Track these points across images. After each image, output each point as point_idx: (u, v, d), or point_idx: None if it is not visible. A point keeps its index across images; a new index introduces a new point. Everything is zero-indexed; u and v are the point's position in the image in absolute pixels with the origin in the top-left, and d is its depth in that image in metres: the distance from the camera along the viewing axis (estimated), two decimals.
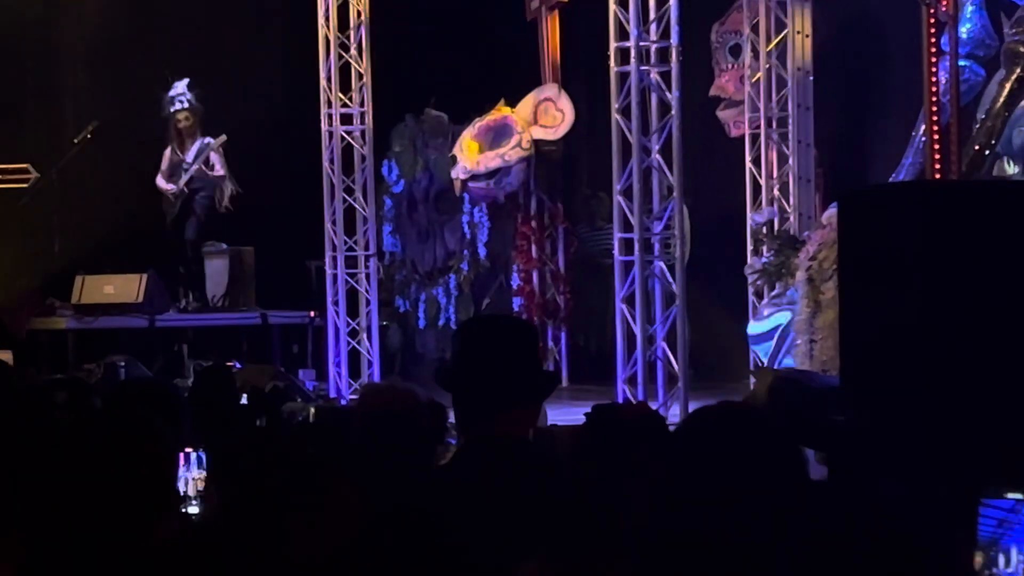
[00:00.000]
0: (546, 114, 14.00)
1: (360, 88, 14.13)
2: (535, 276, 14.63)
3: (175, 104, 15.29)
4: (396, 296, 15.29)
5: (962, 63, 11.25)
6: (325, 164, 14.22)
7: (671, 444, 3.19)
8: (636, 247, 11.60)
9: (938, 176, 10.42)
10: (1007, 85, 11.54)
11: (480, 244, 14.50)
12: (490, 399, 3.93)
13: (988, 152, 11.50)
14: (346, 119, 14.18)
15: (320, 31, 14.12)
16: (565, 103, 13.98)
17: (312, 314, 15.06)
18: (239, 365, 12.89)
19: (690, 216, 12.87)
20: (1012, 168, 11.51)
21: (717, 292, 13.27)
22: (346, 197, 14.21)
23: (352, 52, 14.08)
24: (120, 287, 14.94)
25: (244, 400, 8.70)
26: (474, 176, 13.96)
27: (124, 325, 14.75)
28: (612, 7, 11.68)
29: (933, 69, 10.44)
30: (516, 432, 3.95)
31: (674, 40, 11.58)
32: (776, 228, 12.90)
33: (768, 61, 13.10)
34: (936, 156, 10.48)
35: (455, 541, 3.57)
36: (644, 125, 11.67)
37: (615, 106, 11.71)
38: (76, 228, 15.91)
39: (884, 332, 5.84)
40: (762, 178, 13.18)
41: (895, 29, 12.45)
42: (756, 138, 13.24)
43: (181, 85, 15.33)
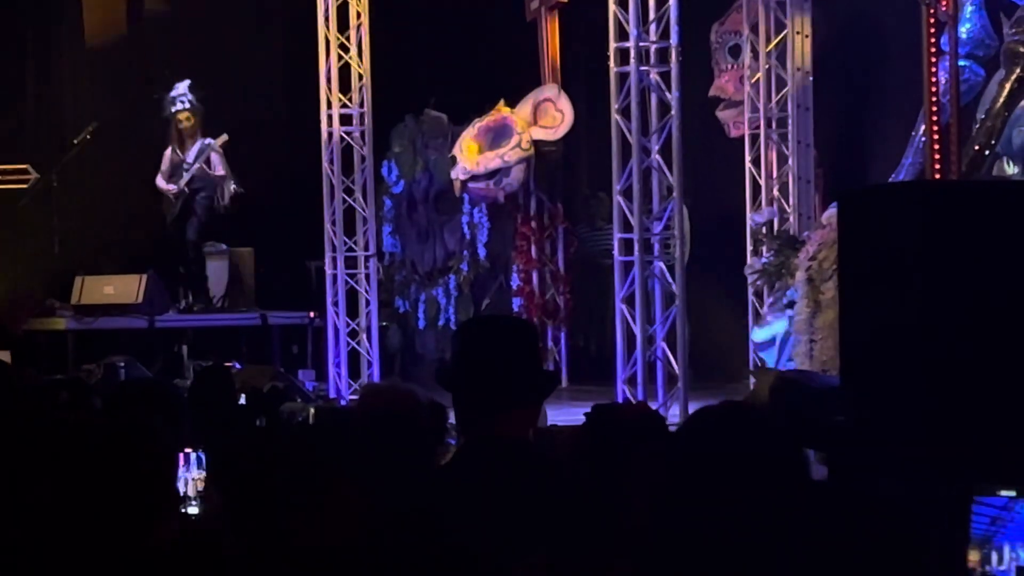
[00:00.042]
0: (546, 114, 13.99)
1: (360, 89, 14.12)
2: (535, 276, 14.62)
3: (176, 104, 15.29)
4: (396, 296, 15.28)
5: (962, 63, 11.25)
6: (325, 164, 14.21)
7: (672, 444, 3.18)
8: (636, 247, 11.59)
9: (938, 176, 10.42)
10: (1007, 85, 11.54)
11: (480, 244, 14.48)
12: (490, 399, 3.93)
13: (988, 152, 11.50)
14: (346, 119, 14.18)
15: (320, 32, 14.11)
16: (565, 103, 13.97)
17: (312, 315, 15.05)
18: (239, 366, 12.88)
19: (690, 216, 12.86)
20: (1012, 168, 11.51)
21: (717, 292, 13.27)
22: (346, 198, 14.21)
23: (352, 53, 14.07)
24: (120, 288, 14.94)
25: (243, 400, 8.71)
26: (474, 177, 13.95)
27: (124, 326, 14.75)
28: (612, 7, 11.68)
29: (933, 69, 10.44)
30: (516, 432, 3.95)
31: (674, 40, 11.57)
32: (776, 228, 12.91)
33: (768, 61, 13.11)
34: (936, 156, 10.48)
35: (455, 541, 3.57)
36: (644, 125, 11.66)
37: (615, 106, 11.71)
38: (76, 229, 15.91)
39: (884, 332, 5.84)
40: (762, 178, 13.18)
41: (895, 29, 12.45)
42: (756, 138, 13.25)
43: (182, 86, 15.33)
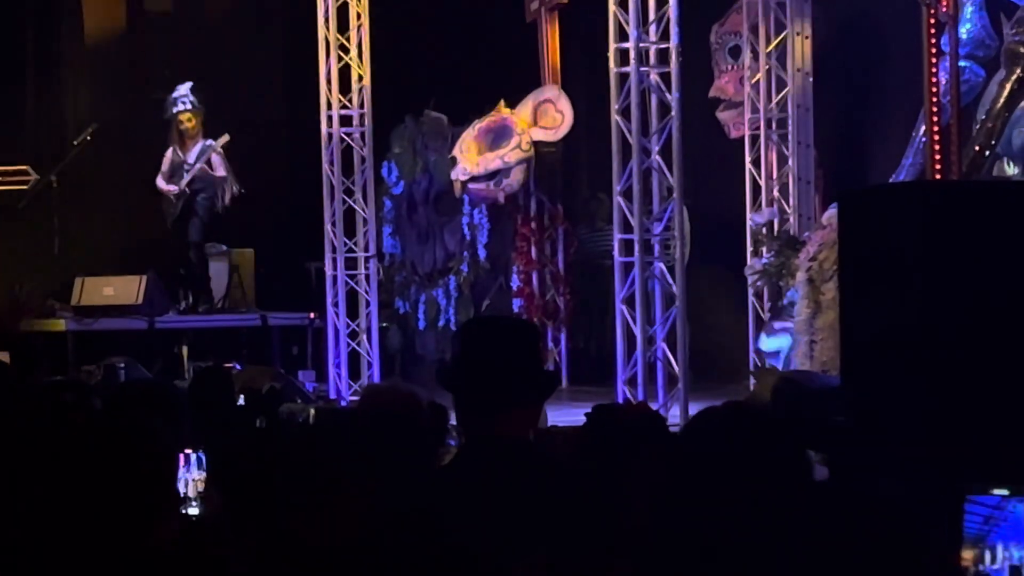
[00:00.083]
0: (546, 115, 13.98)
1: (360, 90, 14.11)
2: (535, 277, 14.61)
3: (178, 105, 15.29)
4: (396, 297, 15.28)
5: (962, 63, 11.24)
6: (325, 166, 14.20)
7: (675, 444, 3.18)
8: (636, 248, 11.58)
9: (938, 177, 10.42)
10: (1007, 86, 11.54)
11: (480, 246, 14.48)
12: (491, 399, 3.92)
13: (988, 153, 11.49)
14: (346, 121, 14.17)
15: (320, 33, 14.10)
16: (565, 104, 13.96)
17: (312, 315, 15.05)
18: (239, 367, 12.87)
19: (690, 217, 12.85)
20: (1012, 169, 11.50)
21: (717, 293, 13.26)
22: (346, 199, 14.20)
23: (352, 54, 14.06)
24: (120, 289, 14.93)
25: (241, 401, 8.70)
26: (474, 178, 13.94)
27: (124, 327, 14.74)
28: (612, 8, 11.67)
29: (933, 70, 10.44)
30: (517, 433, 3.94)
31: (674, 41, 11.57)
32: (776, 229, 12.91)
33: (768, 62, 13.11)
34: (936, 157, 10.48)
35: (456, 541, 3.57)
36: (644, 126, 11.65)
37: (615, 107, 11.70)
38: (76, 230, 15.91)
39: (884, 333, 5.84)
40: (762, 179, 13.18)
41: (895, 30, 12.45)
42: (756, 139, 13.25)
43: (184, 87, 15.33)
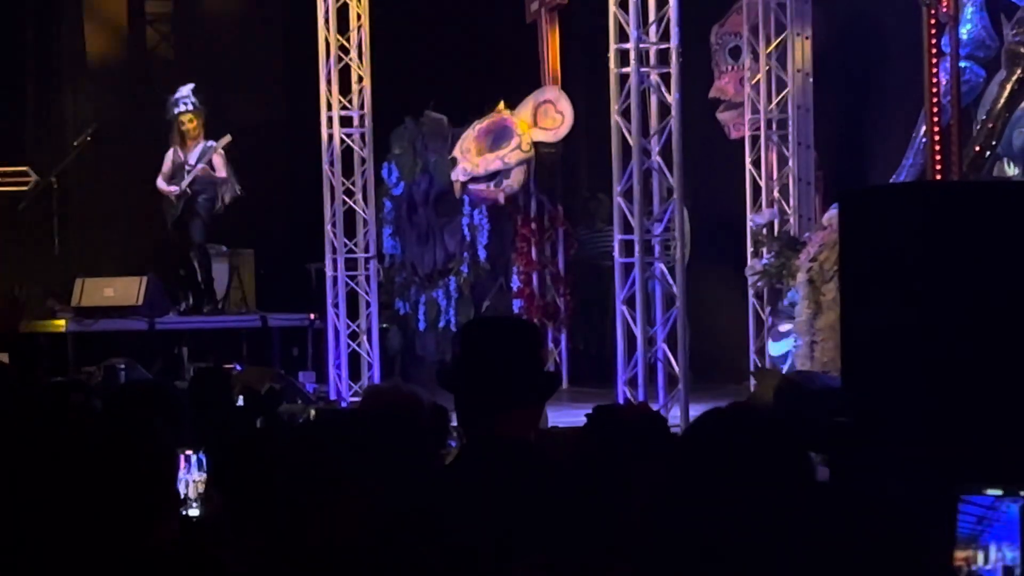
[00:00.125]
0: (546, 116, 13.98)
1: (360, 91, 14.11)
2: (535, 278, 14.61)
3: (179, 106, 15.28)
4: (396, 298, 15.28)
5: (962, 64, 11.24)
6: (325, 167, 14.19)
7: (678, 445, 3.17)
8: (636, 249, 11.58)
9: (939, 177, 10.42)
10: (1007, 86, 11.53)
11: (480, 246, 14.47)
12: (491, 400, 3.92)
13: (988, 153, 11.49)
14: (346, 121, 14.16)
15: (320, 33, 14.09)
16: (565, 105, 13.95)
17: (312, 316, 15.04)
18: (239, 368, 12.88)
19: (690, 218, 12.85)
20: (1012, 169, 11.50)
21: (717, 294, 13.26)
22: (346, 199, 14.19)
23: (352, 55, 14.06)
24: (120, 290, 14.93)
25: (240, 402, 8.70)
26: (474, 178, 13.94)
27: (124, 328, 14.74)
28: (612, 9, 11.66)
29: (934, 70, 10.44)
30: (517, 433, 3.94)
31: (674, 42, 11.56)
32: (776, 230, 12.90)
33: (768, 63, 13.10)
34: (937, 157, 10.48)
35: (456, 542, 3.57)
36: (644, 127, 11.64)
37: (615, 108, 11.69)
38: (76, 231, 15.91)
39: (885, 333, 5.84)
40: (762, 180, 13.18)
41: (895, 30, 12.45)
42: (756, 140, 13.24)
43: (185, 89, 15.34)
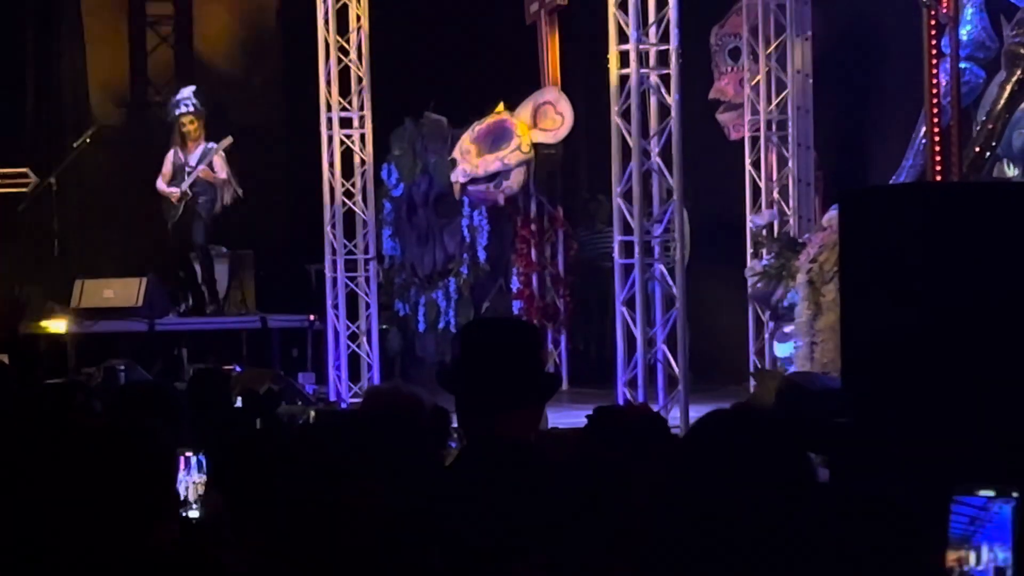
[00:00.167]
0: (545, 117, 13.97)
1: (359, 92, 14.11)
2: (535, 279, 14.60)
3: (180, 108, 15.29)
4: (396, 300, 15.27)
5: (962, 65, 11.24)
6: (325, 168, 14.20)
7: (679, 446, 3.17)
8: (636, 250, 11.57)
9: (938, 178, 10.42)
10: (1007, 87, 11.53)
11: (480, 248, 14.47)
12: (491, 400, 3.92)
13: (988, 154, 11.49)
14: (345, 123, 14.16)
15: (319, 35, 14.09)
16: (564, 106, 13.95)
17: (312, 318, 15.04)
18: (239, 369, 12.87)
19: (690, 219, 12.85)
20: (1012, 170, 11.50)
21: (717, 295, 13.26)
22: (346, 201, 14.20)
23: (352, 56, 14.06)
24: (120, 291, 14.92)
25: (239, 403, 8.70)
26: (473, 179, 13.93)
27: (123, 329, 14.74)
28: (612, 10, 11.66)
29: (933, 71, 10.44)
30: (517, 434, 3.94)
31: (673, 43, 11.56)
32: (776, 231, 12.90)
33: (767, 64, 13.10)
34: (937, 158, 10.48)
35: (457, 543, 3.56)
36: (644, 128, 11.64)
37: (615, 109, 11.68)
38: (75, 232, 15.91)
39: (885, 333, 5.84)
40: (762, 181, 13.18)
41: (895, 31, 12.45)
42: (756, 141, 13.24)
43: (187, 91, 15.35)
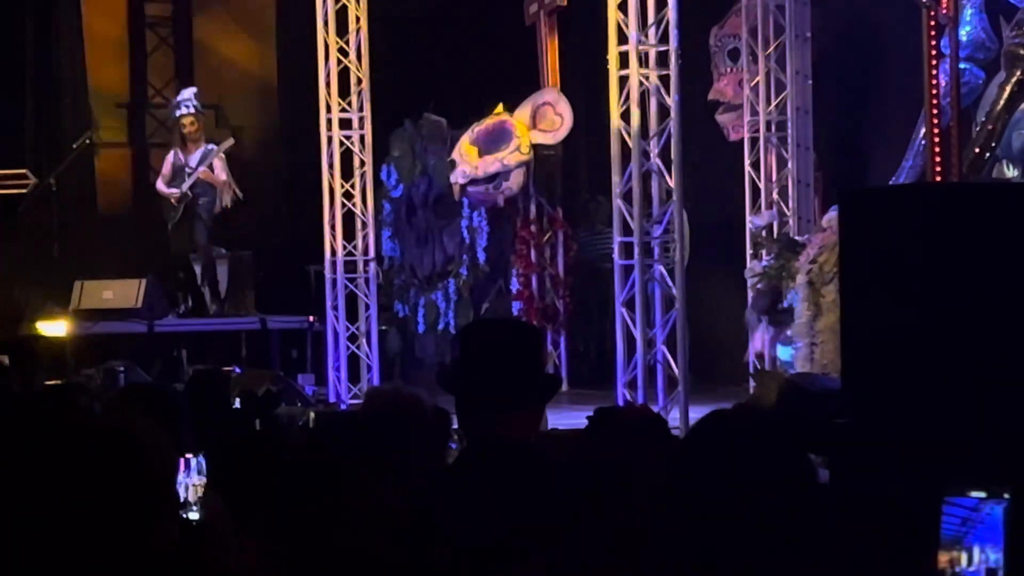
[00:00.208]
0: (545, 118, 13.97)
1: (359, 93, 14.11)
2: (534, 280, 14.60)
3: (181, 109, 15.29)
4: (395, 301, 15.27)
5: (962, 66, 11.24)
6: (324, 169, 14.20)
7: (679, 447, 3.17)
8: (636, 251, 11.57)
9: (938, 179, 10.42)
10: (1007, 88, 11.53)
11: (479, 249, 14.47)
12: (491, 401, 3.92)
13: (988, 155, 11.49)
14: (345, 124, 14.16)
15: (319, 36, 14.09)
16: (564, 107, 13.95)
17: (311, 319, 15.04)
18: (238, 370, 12.86)
19: (689, 220, 12.85)
20: (1012, 171, 11.50)
21: (717, 296, 13.25)
22: (345, 202, 14.19)
23: (351, 57, 14.06)
24: (119, 292, 14.92)
25: (237, 404, 8.69)
26: (473, 180, 13.93)
27: (123, 330, 14.73)
28: (611, 11, 11.66)
29: (933, 72, 10.44)
30: (518, 434, 3.94)
31: (673, 44, 11.56)
32: (776, 231, 12.90)
33: (767, 65, 13.10)
34: (936, 159, 10.48)
35: (457, 543, 3.56)
36: (643, 129, 11.64)
37: (614, 110, 11.69)
38: (75, 233, 15.90)
39: (885, 334, 5.84)
40: (761, 182, 13.18)
41: (895, 32, 12.45)
42: (755, 142, 13.24)
43: (188, 92, 15.36)
